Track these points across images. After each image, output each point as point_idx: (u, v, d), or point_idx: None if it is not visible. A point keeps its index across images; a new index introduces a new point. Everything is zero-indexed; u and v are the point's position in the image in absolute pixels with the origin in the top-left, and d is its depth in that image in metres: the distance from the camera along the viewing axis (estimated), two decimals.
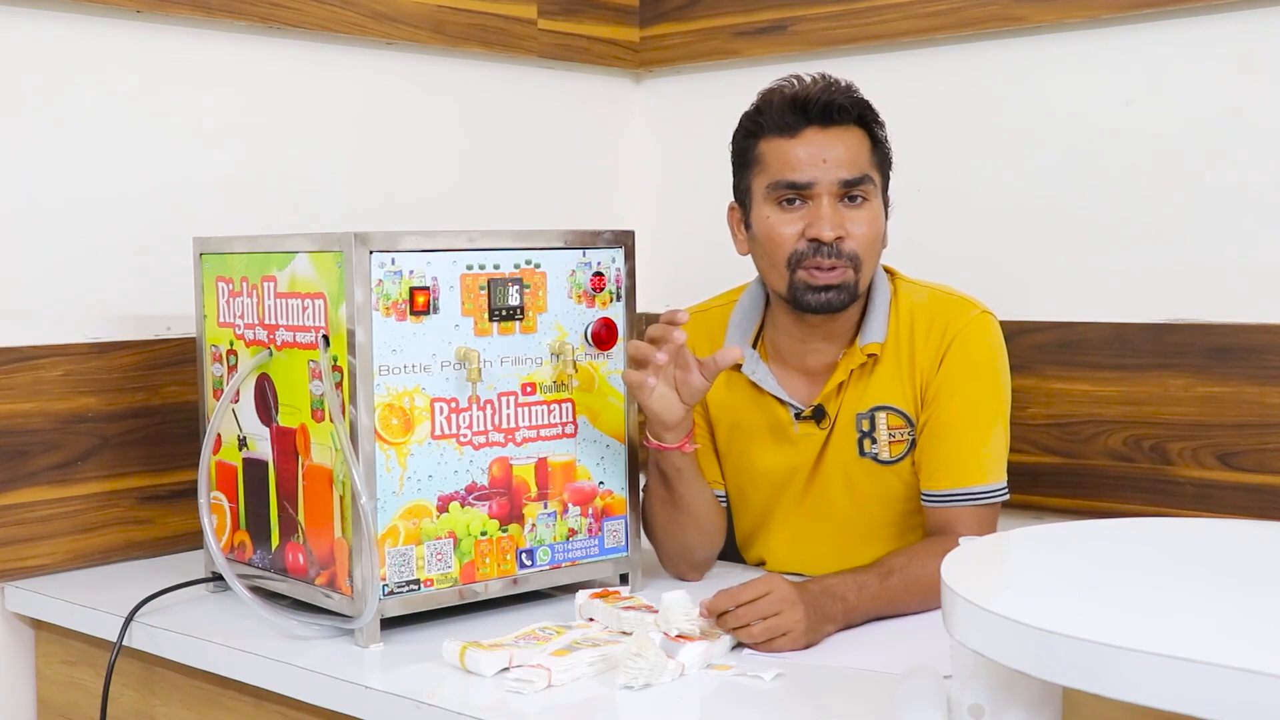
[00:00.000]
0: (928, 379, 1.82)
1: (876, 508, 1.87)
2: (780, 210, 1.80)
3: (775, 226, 1.80)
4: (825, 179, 1.78)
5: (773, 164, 1.81)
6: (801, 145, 1.79)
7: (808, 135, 1.79)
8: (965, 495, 1.79)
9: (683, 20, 2.62)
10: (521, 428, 1.71)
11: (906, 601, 1.69)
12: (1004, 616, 1.06)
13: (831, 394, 1.85)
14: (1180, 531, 1.44)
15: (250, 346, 1.76)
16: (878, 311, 1.84)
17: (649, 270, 2.34)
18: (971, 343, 1.82)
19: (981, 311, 1.84)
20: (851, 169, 1.79)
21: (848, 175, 1.78)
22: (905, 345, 1.84)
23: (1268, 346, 2.00)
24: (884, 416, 1.84)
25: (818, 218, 1.78)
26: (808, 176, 1.78)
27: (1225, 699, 0.94)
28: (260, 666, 1.59)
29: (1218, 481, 2.05)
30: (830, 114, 1.79)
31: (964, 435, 1.80)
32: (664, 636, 1.52)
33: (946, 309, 1.84)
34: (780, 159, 1.80)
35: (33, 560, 1.96)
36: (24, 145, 1.95)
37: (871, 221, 1.80)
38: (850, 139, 1.80)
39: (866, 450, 1.85)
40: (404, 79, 2.37)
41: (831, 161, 1.78)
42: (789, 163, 1.79)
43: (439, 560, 1.65)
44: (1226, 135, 2.05)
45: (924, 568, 1.69)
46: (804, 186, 1.78)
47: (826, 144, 1.79)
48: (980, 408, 1.81)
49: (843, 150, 1.79)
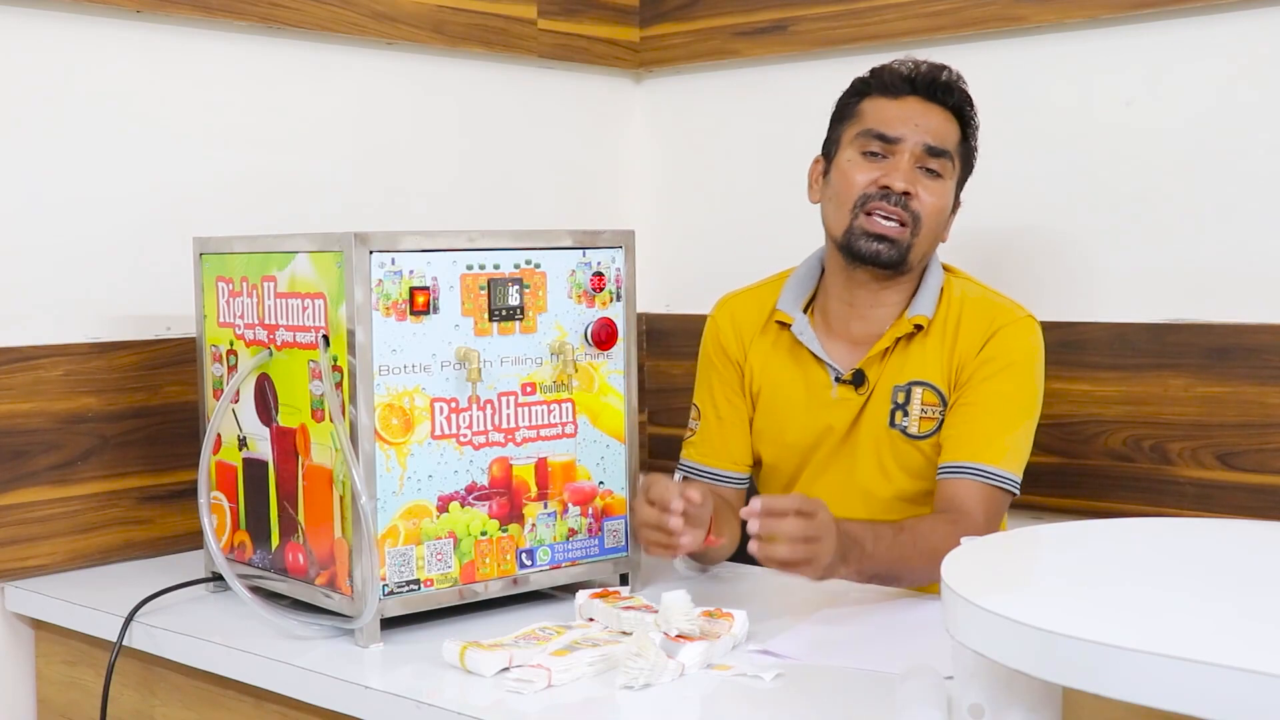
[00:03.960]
0: (965, 362, 1.86)
1: (899, 480, 1.90)
2: (862, 158, 1.88)
3: (853, 169, 1.88)
4: (912, 138, 1.86)
5: (869, 116, 1.89)
6: (900, 106, 1.88)
7: (909, 101, 1.89)
8: (977, 470, 1.80)
9: (683, 20, 2.62)
10: (521, 428, 1.71)
11: (913, 560, 1.72)
12: (1004, 616, 1.06)
13: (875, 359, 1.90)
14: (1180, 531, 1.44)
15: (250, 346, 1.76)
16: (929, 289, 1.91)
17: (649, 270, 2.34)
18: (1014, 338, 1.87)
19: (1028, 315, 1.90)
20: (938, 139, 1.87)
21: (933, 142, 1.87)
22: (951, 327, 1.89)
23: (1268, 346, 2.00)
24: (920, 392, 1.88)
25: (894, 169, 1.86)
26: (897, 132, 1.86)
27: (1225, 699, 0.94)
28: (260, 666, 1.59)
29: (1218, 481, 2.05)
30: (935, 90, 1.89)
31: (990, 416, 1.84)
32: (664, 636, 1.52)
33: (994, 307, 1.90)
34: (877, 113, 1.89)
35: (33, 560, 1.96)
36: (24, 145, 1.95)
37: (942, 194, 1.88)
38: (945, 117, 1.89)
39: (897, 422, 1.88)
40: (404, 79, 2.37)
41: (923, 126, 1.87)
42: (884, 118, 1.88)
43: (439, 560, 1.65)
44: (1226, 135, 2.05)
45: (933, 532, 1.72)
46: (892, 140, 1.86)
47: (923, 111, 1.88)
48: (1011, 400, 1.85)
49: (936, 122, 1.88)
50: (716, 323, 2.03)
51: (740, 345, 2.00)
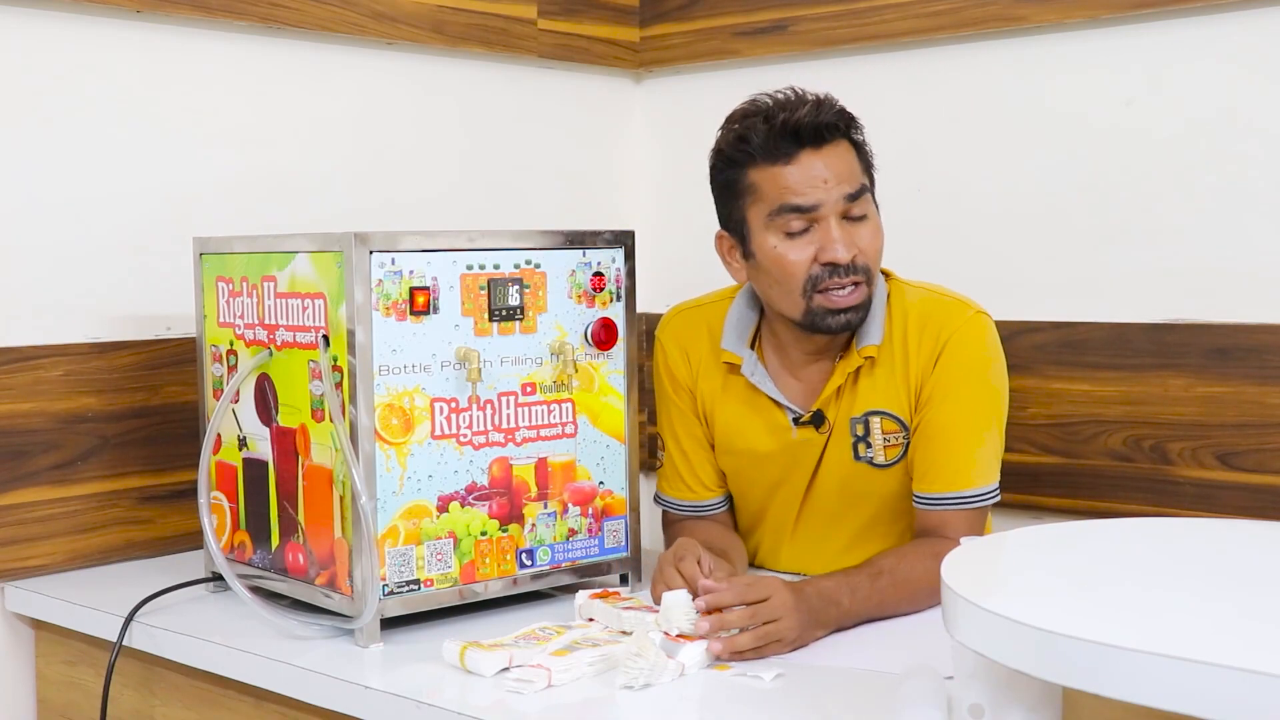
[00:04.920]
0: (922, 381, 1.81)
1: (872, 509, 1.88)
2: (787, 239, 1.76)
3: (785, 255, 1.76)
4: (829, 199, 1.74)
5: (770, 192, 1.76)
6: (798, 169, 1.74)
7: (803, 159, 1.74)
8: (956, 499, 1.79)
9: (683, 20, 2.62)
10: (521, 428, 1.71)
11: (896, 603, 1.69)
12: (1004, 616, 1.06)
13: (830, 399, 1.85)
14: (1180, 531, 1.44)
15: (250, 346, 1.76)
16: (875, 314, 1.82)
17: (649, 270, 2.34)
18: (966, 345, 1.80)
19: (976, 312, 1.83)
20: (851, 183, 1.76)
21: (850, 190, 1.75)
22: (899, 348, 1.82)
23: (1268, 346, 2.00)
24: (878, 421, 1.83)
25: (830, 240, 1.74)
26: (812, 200, 1.74)
27: (1225, 699, 0.94)
28: (260, 666, 1.59)
29: (1218, 481, 2.04)
30: (822, 134, 1.75)
31: (956, 439, 1.80)
32: (664, 636, 1.52)
33: (941, 311, 1.83)
34: (777, 186, 1.75)
35: (33, 560, 1.96)
36: (24, 145, 1.95)
37: (875, 233, 1.79)
38: (843, 153, 1.77)
39: (862, 455, 1.84)
40: (404, 79, 2.37)
41: (831, 180, 1.74)
42: (789, 188, 1.74)
43: (439, 560, 1.65)
44: (1226, 135, 2.05)
45: (913, 569, 1.70)
46: (809, 210, 1.74)
47: (823, 164, 1.75)
48: (973, 411, 1.80)
49: (841, 166, 1.76)
50: (664, 347, 1.96)
51: (689, 371, 1.93)
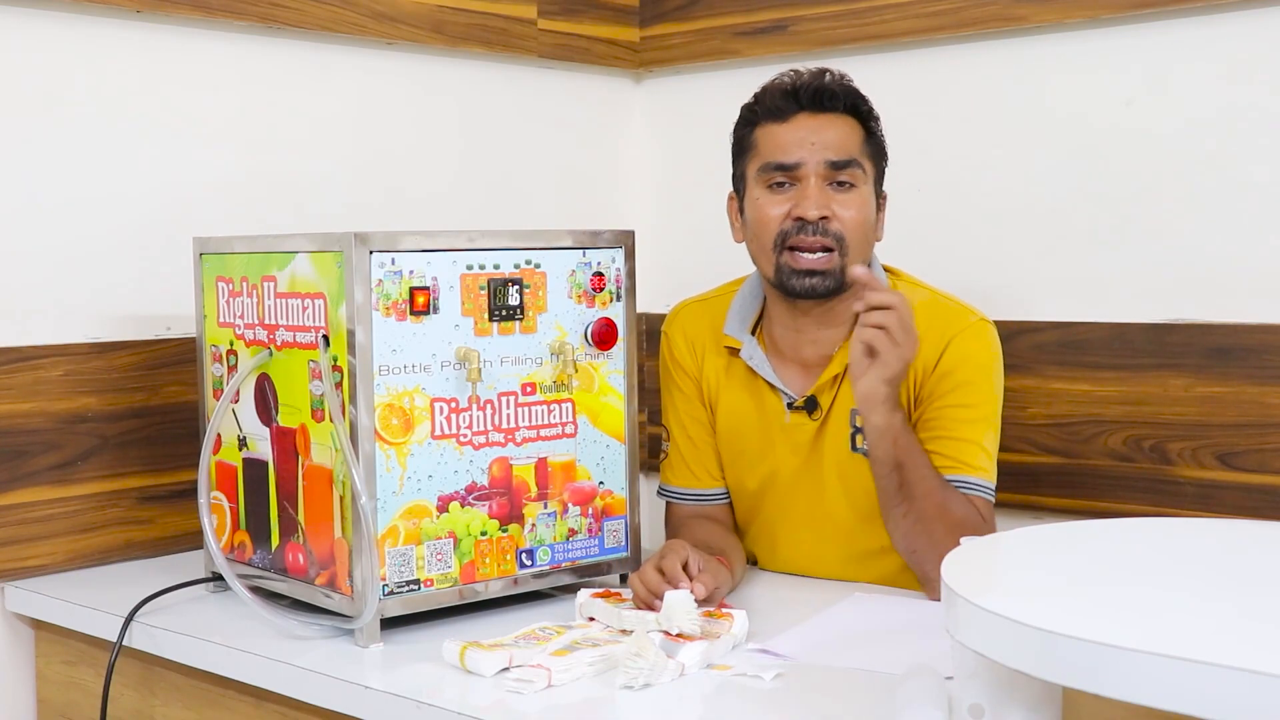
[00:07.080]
0: (923, 378, 1.82)
1: (869, 502, 1.87)
2: (769, 192, 1.83)
3: (763, 207, 1.83)
4: (812, 159, 1.80)
5: (764, 148, 1.84)
6: (791, 129, 1.82)
7: (799, 120, 1.82)
8: (960, 483, 1.79)
9: (683, 20, 2.62)
10: (521, 428, 1.71)
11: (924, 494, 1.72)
12: (1004, 616, 1.06)
13: (826, 385, 1.86)
14: (1180, 531, 1.44)
15: (250, 346, 1.76)
16: None
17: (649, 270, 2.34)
18: (969, 346, 1.82)
19: (980, 319, 1.85)
20: (839, 152, 1.81)
21: (835, 157, 1.81)
22: None
23: (1268, 346, 2.00)
24: None
25: (803, 196, 1.80)
26: (795, 157, 1.81)
27: (1225, 699, 0.94)
28: (260, 666, 1.59)
29: (1218, 481, 2.05)
30: (821, 100, 1.82)
31: (957, 431, 1.81)
32: (664, 636, 1.52)
33: (945, 313, 1.85)
34: (771, 142, 1.83)
35: (33, 560, 1.96)
36: (24, 145, 1.95)
37: (860, 206, 1.82)
38: (841, 125, 1.83)
39: (859, 446, 1.84)
40: (404, 79, 2.37)
41: (819, 144, 1.81)
42: (779, 145, 1.82)
43: (439, 560, 1.65)
44: (1226, 135, 2.05)
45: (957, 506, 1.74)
46: (791, 167, 1.81)
47: (816, 127, 1.82)
48: (974, 410, 1.81)
49: (832, 134, 1.82)
50: (670, 338, 2.00)
51: (695, 359, 1.96)
